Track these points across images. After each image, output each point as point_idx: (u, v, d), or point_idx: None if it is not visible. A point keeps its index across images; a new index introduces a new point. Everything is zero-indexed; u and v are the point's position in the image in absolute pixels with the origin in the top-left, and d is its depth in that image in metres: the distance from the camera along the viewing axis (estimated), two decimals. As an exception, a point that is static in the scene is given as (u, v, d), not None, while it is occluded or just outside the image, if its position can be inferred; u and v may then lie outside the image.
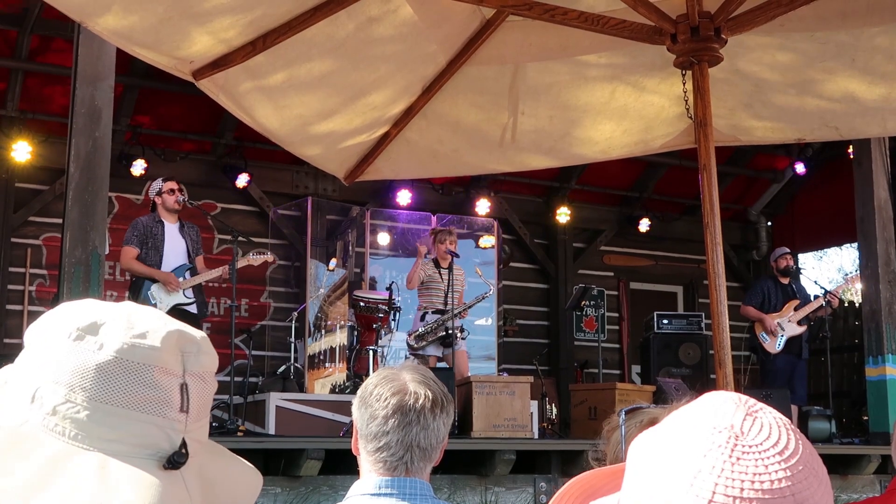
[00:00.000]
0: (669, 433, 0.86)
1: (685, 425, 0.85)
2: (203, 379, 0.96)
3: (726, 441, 0.81)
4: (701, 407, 0.88)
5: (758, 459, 0.80)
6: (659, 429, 0.89)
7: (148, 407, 0.91)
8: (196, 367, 0.95)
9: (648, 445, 0.87)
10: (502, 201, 11.60)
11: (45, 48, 9.16)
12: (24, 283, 9.54)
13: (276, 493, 6.07)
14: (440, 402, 1.98)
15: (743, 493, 0.78)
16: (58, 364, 0.92)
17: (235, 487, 1.01)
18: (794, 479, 0.80)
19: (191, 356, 0.95)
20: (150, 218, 7.41)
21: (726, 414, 0.85)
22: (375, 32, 3.51)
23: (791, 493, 0.79)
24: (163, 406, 0.92)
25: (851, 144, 9.00)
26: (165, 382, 0.92)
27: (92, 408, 0.90)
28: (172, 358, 0.93)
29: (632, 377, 11.97)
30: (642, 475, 0.84)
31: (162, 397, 0.92)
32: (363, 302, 8.22)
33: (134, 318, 0.95)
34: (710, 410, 0.86)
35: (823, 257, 24.18)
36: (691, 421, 0.85)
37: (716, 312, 2.91)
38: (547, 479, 6.84)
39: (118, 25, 3.04)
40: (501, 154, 4.27)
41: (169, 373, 0.93)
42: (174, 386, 0.93)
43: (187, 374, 0.94)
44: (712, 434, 0.82)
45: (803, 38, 3.53)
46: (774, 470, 0.80)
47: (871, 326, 8.37)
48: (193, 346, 0.96)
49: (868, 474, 7.96)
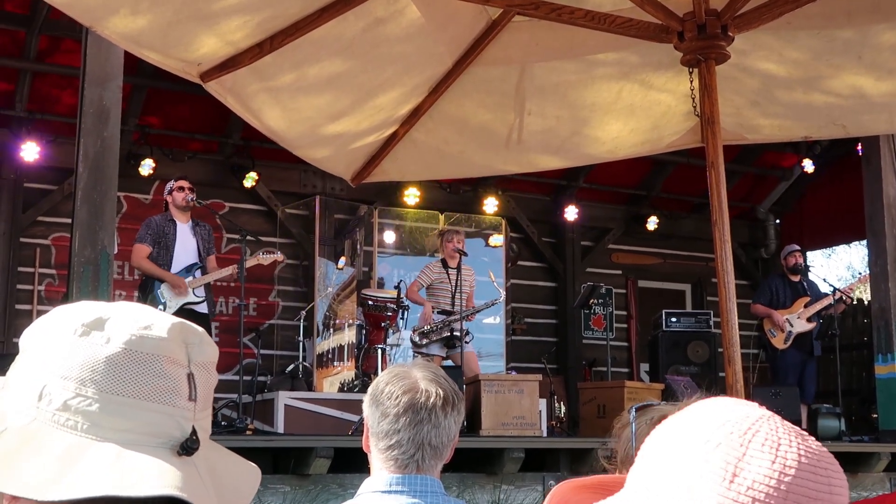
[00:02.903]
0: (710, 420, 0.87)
1: (730, 412, 0.87)
2: (207, 369, 0.98)
3: (783, 424, 0.85)
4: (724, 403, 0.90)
5: (808, 439, 0.85)
6: (680, 423, 0.90)
7: (159, 396, 0.92)
8: (200, 356, 0.97)
9: (680, 435, 0.88)
10: (510, 200, 11.60)
11: (54, 49, 9.19)
12: (32, 282, 9.58)
13: (286, 492, 6.09)
14: (451, 400, 1.99)
15: (819, 462, 0.83)
16: (64, 360, 0.93)
17: (238, 480, 1.02)
18: (836, 467, 0.85)
19: (195, 346, 0.97)
20: (163, 217, 7.45)
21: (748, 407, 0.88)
22: (382, 33, 3.52)
23: (839, 469, 0.84)
24: (173, 395, 0.93)
25: (860, 142, 8.98)
26: (174, 372, 0.94)
27: (103, 400, 0.91)
28: (178, 348, 0.95)
29: (640, 375, 11.96)
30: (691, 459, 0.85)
31: (171, 386, 0.93)
32: (371, 300, 8.24)
33: (136, 312, 0.97)
34: (731, 405, 0.89)
35: (832, 255, 24.14)
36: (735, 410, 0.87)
37: (725, 310, 2.91)
38: (556, 478, 6.84)
39: (126, 29, 3.05)
40: (508, 154, 4.27)
41: (176, 363, 0.94)
42: (182, 375, 0.94)
43: (192, 364, 0.96)
44: (769, 418, 0.85)
45: (810, 35, 3.52)
46: (824, 448, 0.85)
47: (880, 324, 8.36)
48: (196, 337, 0.97)
49: (878, 472, 7.94)
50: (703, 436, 0.85)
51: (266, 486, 5.99)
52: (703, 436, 0.85)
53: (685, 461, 0.85)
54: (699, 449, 0.84)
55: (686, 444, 0.86)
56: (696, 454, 0.84)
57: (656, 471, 0.88)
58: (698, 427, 0.87)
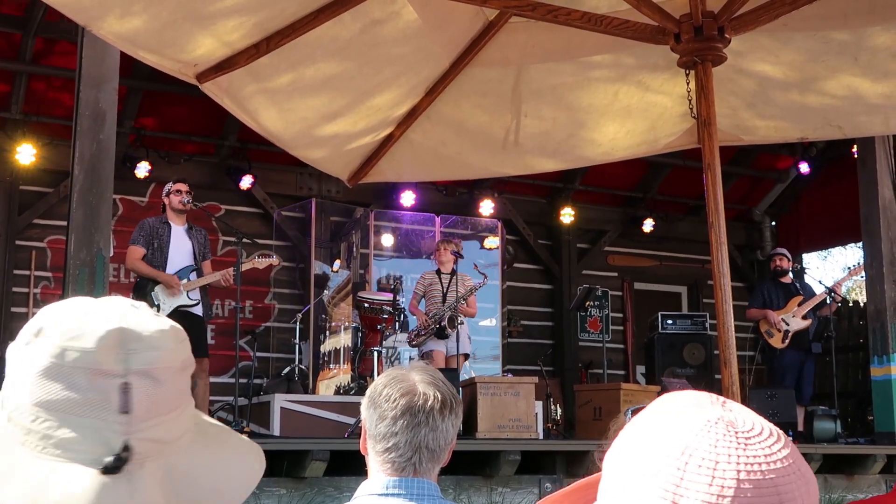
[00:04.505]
0: (656, 436, 0.85)
1: (671, 425, 0.85)
2: (150, 376, 0.93)
3: (727, 431, 0.83)
4: (676, 406, 0.88)
5: (760, 443, 0.82)
6: (634, 435, 0.88)
7: (84, 410, 0.90)
8: (140, 364, 0.92)
9: (631, 452, 0.86)
10: (506, 202, 11.60)
11: (49, 51, 9.18)
12: (28, 285, 9.56)
13: (281, 495, 6.08)
14: (449, 404, 1.98)
15: (764, 475, 0.80)
16: (13, 369, 0.93)
17: (223, 480, 0.99)
18: (793, 457, 0.83)
19: (135, 353, 0.92)
20: (158, 219, 7.44)
21: (709, 408, 0.86)
22: (379, 34, 3.52)
23: (796, 469, 0.82)
24: (98, 409, 0.90)
25: (856, 144, 9.00)
26: (102, 384, 0.90)
27: (35, 413, 0.91)
28: (110, 358, 0.91)
29: (636, 377, 11.97)
30: (637, 483, 0.83)
31: (96, 400, 0.90)
32: (367, 303, 8.24)
33: (80, 318, 0.94)
34: (690, 407, 0.87)
35: (828, 257, 24.16)
36: (677, 419, 0.85)
37: (721, 312, 2.90)
38: (552, 480, 6.84)
39: (122, 29, 3.04)
40: (505, 156, 4.26)
41: (106, 374, 0.91)
42: (112, 387, 0.91)
43: (131, 373, 0.91)
44: (710, 427, 0.83)
45: (806, 36, 3.53)
46: (778, 450, 0.82)
47: (875, 326, 8.36)
48: (138, 343, 0.93)
49: (874, 474, 7.95)
50: (644, 461, 0.83)
51: (262, 489, 5.98)
52: (644, 461, 0.83)
53: (631, 486, 0.84)
54: (640, 475, 0.83)
55: (631, 468, 0.85)
56: (638, 480, 0.83)
57: (611, 493, 0.87)
58: (641, 446, 0.85)
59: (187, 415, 0.99)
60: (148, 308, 1.00)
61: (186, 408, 0.99)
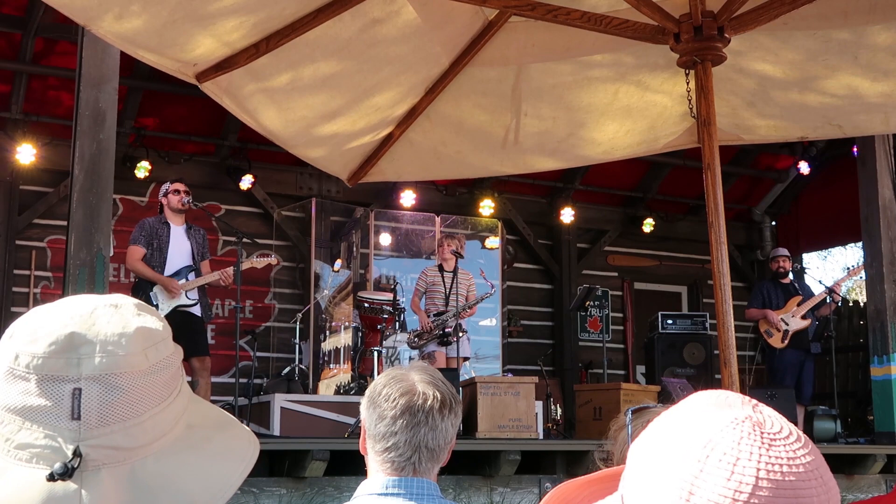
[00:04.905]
0: (680, 430, 0.85)
1: (698, 420, 0.85)
2: (103, 381, 0.90)
3: (752, 430, 0.83)
4: (706, 403, 0.88)
5: (785, 445, 0.82)
6: (661, 428, 0.88)
7: (37, 416, 0.89)
8: (93, 370, 0.90)
9: (656, 443, 0.87)
10: (506, 202, 11.60)
11: (49, 51, 9.18)
12: (28, 285, 9.56)
13: (281, 495, 6.08)
14: (448, 403, 1.98)
15: (784, 477, 0.80)
16: None
17: (195, 484, 0.96)
18: (817, 464, 0.83)
19: (87, 359, 0.90)
20: (157, 219, 7.43)
21: (738, 407, 0.86)
22: (379, 34, 3.51)
23: (819, 476, 0.82)
24: (50, 415, 0.89)
25: (856, 143, 8.99)
26: (53, 389, 0.89)
27: (2, 416, 0.91)
28: (60, 363, 0.90)
29: (636, 377, 11.97)
30: (657, 473, 0.84)
31: (48, 406, 0.89)
32: (367, 303, 8.23)
33: (40, 322, 0.94)
34: (720, 405, 0.87)
35: (828, 257, 24.16)
36: (705, 416, 0.86)
37: (721, 312, 2.90)
38: (552, 480, 6.84)
39: (122, 29, 3.04)
40: (505, 156, 4.26)
41: (56, 379, 0.89)
42: (64, 393, 0.89)
43: (84, 379, 0.90)
44: (736, 425, 0.83)
45: (806, 35, 3.52)
46: (802, 454, 0.82)
47: (875, 326, 8.36)
48: (90, 348, 0.91)
49: (874, 474, 7.95)
50: (667, 453, 0.84)
51: (262, 489, 5.98)
52: (666, 453, 0.84)
53: (652, 476, 0.84)
54: (661, 466, 0.84)
55: (653, 458, 0.85)
56: (659, 471, 0.84)
57: (632, 482, 0.88)
58: (666, 439, 0.86)
59: (165, 419, 0.95)
60: (135, 308, 0.98)
61: (164, 411, 0.95)
